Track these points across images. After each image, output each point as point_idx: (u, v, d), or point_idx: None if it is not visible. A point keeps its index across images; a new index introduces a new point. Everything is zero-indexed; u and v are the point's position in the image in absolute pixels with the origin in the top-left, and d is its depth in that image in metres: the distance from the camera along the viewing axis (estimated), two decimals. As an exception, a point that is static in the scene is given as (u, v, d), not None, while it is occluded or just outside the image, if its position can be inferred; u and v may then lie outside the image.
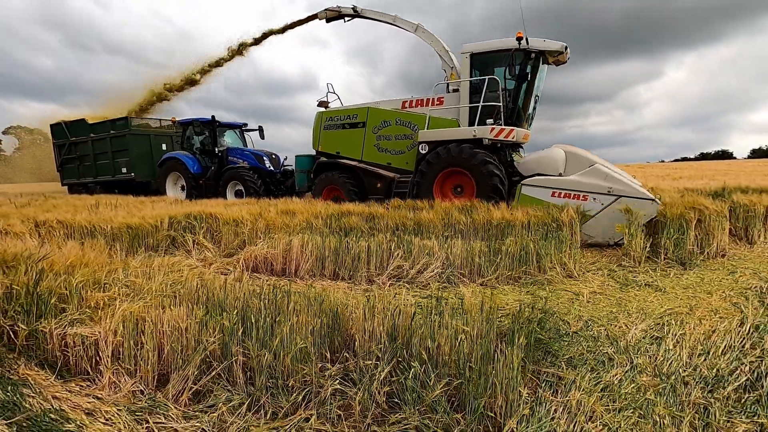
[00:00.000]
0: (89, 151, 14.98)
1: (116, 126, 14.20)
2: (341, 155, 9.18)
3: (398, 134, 8.51)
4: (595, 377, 2.45)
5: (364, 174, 8.76)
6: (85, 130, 15.01)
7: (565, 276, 4.36)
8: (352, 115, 9.05)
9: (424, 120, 8.02)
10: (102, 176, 14.82)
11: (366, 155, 8.85)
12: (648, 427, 2.00)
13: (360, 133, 8.89)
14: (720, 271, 4.27)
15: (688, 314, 3.28)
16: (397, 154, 8.57)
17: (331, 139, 9.36)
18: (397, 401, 2.17)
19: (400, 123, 8.47)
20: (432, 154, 7.62)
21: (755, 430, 1.96)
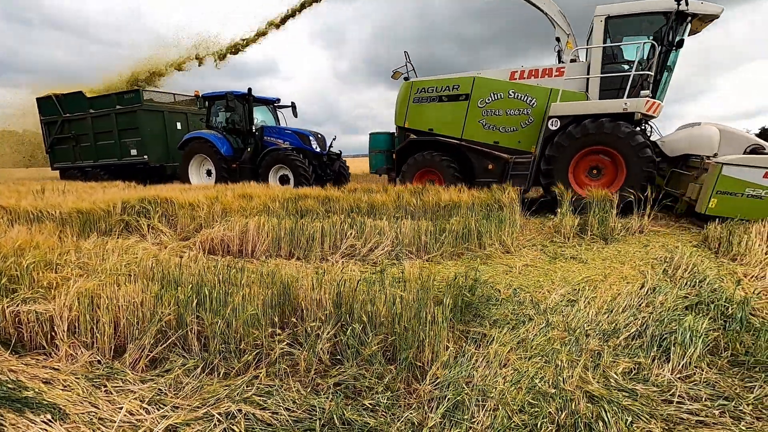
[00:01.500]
0: (88, 130, 12.84)
1: (124, 100, 12.07)
2: (435, 132, 7.96)
3: (511, 109, 7.37)
4: (514, 334, 2.83)
5: (472, 154, 7.69)
6: (83, 105, 12.81)
7: (504, 252, 4.78)
8: (452, 85, 7.71)
9: (545, 93, 7.08)
10: (104, 159, 12.86)
11: (468, 132, 7.69)
12: (550, 370, 2.38)
13: (462, 107, 7.66)
14: (635, 245, 4.83)
15: (602, 281, 3.75)
16: (508, 132, 7.48)
17: (422, 113, 8.01)
18: (339, 358, 2.44)
19: (514, 96, 7.32)
20: (569, 131, 6.66)
21: (633, 367, 2.39)
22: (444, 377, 2.24)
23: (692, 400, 2.09)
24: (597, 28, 6.71)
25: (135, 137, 12.15)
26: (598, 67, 6.81)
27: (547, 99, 7.06)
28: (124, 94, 12.36)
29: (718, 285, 3.43)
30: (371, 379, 2.24)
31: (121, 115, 12.20)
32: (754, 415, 1.98)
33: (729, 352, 2.48)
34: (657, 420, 1.95)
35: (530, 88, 7.24)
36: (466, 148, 7.72)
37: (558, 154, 6.76)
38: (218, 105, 11.04)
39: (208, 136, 10.68)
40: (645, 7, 6.41)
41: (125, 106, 12.06)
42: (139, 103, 11.85)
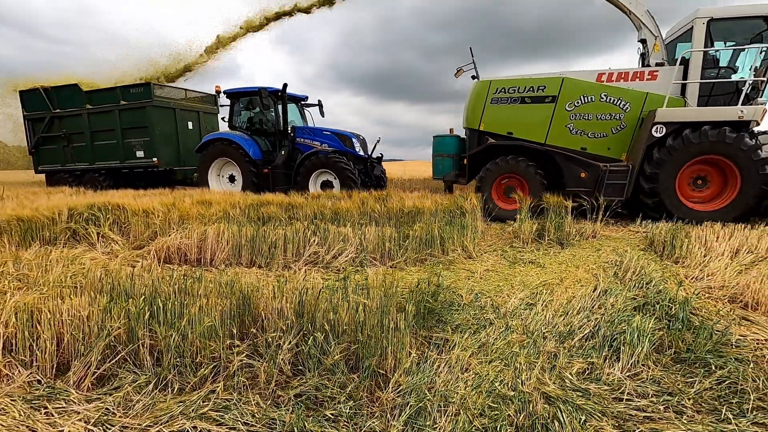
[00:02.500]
0: (84, 128, 11.34)
1: (131, 95, 10.73)
2: (515, 136, 7.38)
3: (601, 113, 6.93)
4: (475, 338, 2.88)
5: (563, 161, 7.07)
6: (79, 100, 11.31)
7: (466, 257, 4.87)
8: (537, 86, 7.17)
9: (641, 97, 6.69)
10: (103, 161, 11.37)
11: (552, 137, 7.17)
12: (509, 372, 2.44)
13: (547, 110, 7.15)
14: (589, 249, 5.07)
15: (558, 284, 3.90)
16: (598, 138, 7.03)
17: (501, 115, 7.41)
18: (301, 368, 2.39)
19: (606, 99, 6.87)
20: (684, 138, 6.21)
21: (587, 367, 2.49)
22: (406, 384, 2.24)
23: (640, 396, 2.20)
24: (698, 30, 6.30)
25: (142, 137, 10.80)
26: (698, 72, 6.44)
27: (642, 104, 6.71)
28: (130, 88, 10.94)
29: (663, 286, 3.65)
30: (333, 388, 2.21)
31: (126, 112, 10.84)
32: (695, 408, 2.11)
33: (672, 350, 2.63)
34: (608, 418, 2.04)
35: (624, 91, 6.81)
36: (556, 154, 7.13)
37: (665, 163, 6.34)
38: (243, 102, 9.88)
39: (234, 137, 9.49)
40: (756, 10, 6.16)
41: (132, 102, 10.73)
42: (149, 98, 10.50)
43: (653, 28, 7.01)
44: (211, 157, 9.82)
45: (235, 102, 10.03)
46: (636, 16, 7.04)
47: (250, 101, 9.69)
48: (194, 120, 12.02)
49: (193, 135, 11.70)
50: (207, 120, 12.56)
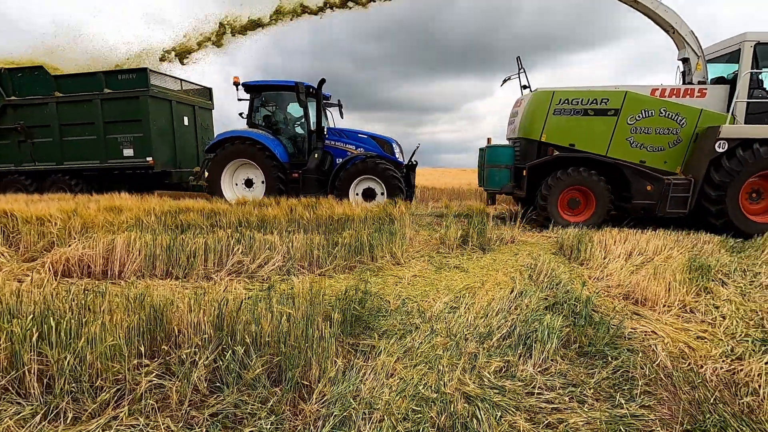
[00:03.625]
0: (50, 120, 9.39)
1: (119, 82, 9.05)
2: (577, 148, 7.32)
3: (660, 127, 7.11)
4: (401, 343, 2.92)
5: (631, 173, 7.14)
6: (44, 86, 9.34)
7: (394, 263, 4.95)
8: (600, 99, 7.20)
9: (696, 114, 6.96)
10: (77, 161, 9.45)
11: (613, 150, 7.22)
12: (433, 375, 2.51)
13: (609, 123, 7.19)
14: (508, 253, 5.41)
15: (480, 287, 4.10)
16: (656, 151, 7.19)
17: (563, 126, 7.32)
18: (219, 385, 2.25)
19: (665, 114, 7.07)
20: (744, 155, 6.54)
21: (503, 365, 2.64)
22: (331, 394, 2.21)
23: (548, 390, 2.38)
24: (746, 53, 6.71)
25: (133, 132, 9.14)
26: (745, 91, 6.83)
27: (697, 119, 6.99)
28: (118, 74, 9.24)
29: (570, 287, 4.00)
30: (254, 404, 2.11)
31: (111, 102, 9.08)
32: (594, 397, 2.33)
33: (577, 345, 2.88)
34: (521, 412, 2.17)
35: (681, 107, 7.05)
36: (625, 167, 7.20)
37: (730, 177, 6.61)
38: (268, 97, 8.82)
39: (258, 136, 8.31)
40: None
41: (120, 91, 9.05)
42: (144, 87, 8.90)
43: (696, 48, 7.33)
44: (227, 159, 8.44)
45: (255, 96, 8.82)
46: (680, 35, 7.37)
47: (276, 96, 8.80)
48: (190, 115, 10.51)
49: (188, 132, 10.32)
50: (202, 116, 11.13)
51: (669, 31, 7.57)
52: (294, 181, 8.39)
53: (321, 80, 8.32)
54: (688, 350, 2.88)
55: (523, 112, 7.72)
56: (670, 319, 3.37)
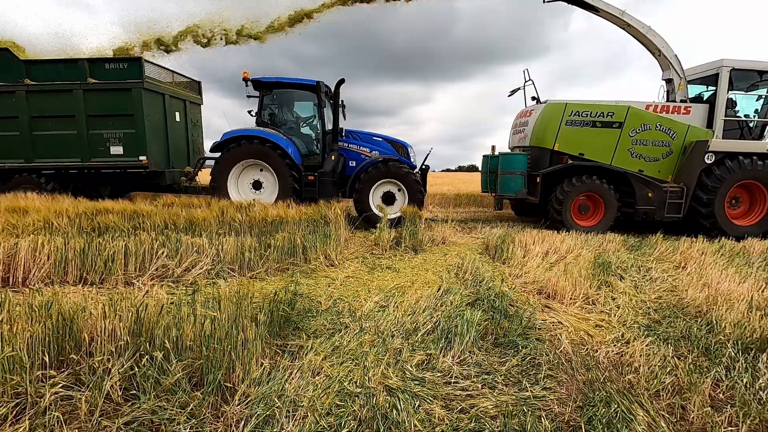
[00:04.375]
0: (17, 111, 8.10)
1: (108, 72, 8.00)
2: (586, 157, 7.83)
3: (655, 140, 7.82)
4: (330, 342, 2.99)
5: (636, 182, 7.75)
6: (11, 71, 8.00)
7: (329, 265, 5.00)
8: (607, 112, 7.78)
9: (684, 128, 7.73)
10: (52, 159, 8.23)
11: (616, 159, 7.81)
12: (358, 371, 2.60)
13: (614, 134, 7.78)
14: (438, 254, 5.68)
15: (410, 287, 4.28)
16: (651, 162, 7.88)
17: (574, 136, 7.81)
18: (135, 393, 2.18)
19: (660, 128, 7.80)
20: (728, 165, 7.45)
21: (425, 358, 2.80)
22: (255, 395, 2.22)
23: (464, 378, 2.57)
24: (723, 77, 7.58)
25: (122, 128, 8.14)
26: (722, 110, 7.70)
27: (685, 134, 7.75)
28: (106, 62, 8.17)
29: (492, 284, 4.30)
30: (173, 409, 2.07)
31: (97, 94, 8.05)
32: (504, 383, 2.55)
33: (493, 336, 3.13)
34: (438, 400, 2.33)
35: (673, 122, 7.80)
36: (631, 176, 7.79)
37: (720, 183, 7.46)
38: (280, 96, 8.35)
39: (270, 135, 7.76)
40: (756, 66, 7.62)
41: (110, 81, 8.04)
42: (138, 78, 7.99)
43: (680, 70, 8.15)
44: (235, 159, 7.83)
45: (266, 94, 8.27)
46: (666, 58, 8.16)
47: (289, 95, 8.34)
48: (181, 111, 9.52)
49: (180, 129, 9.33)
50: (192, 111, 10.15)
51: (655, 53, 8.39)
52: (310, 184, 7.99)
53: (340, 80, 8.07)
54: (587, 337, 3.24)
55: (536, 122, 8.14)
56: (574, 311, 3.75)
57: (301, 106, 8.62)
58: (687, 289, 4.18)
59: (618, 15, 8.09)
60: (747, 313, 3.45)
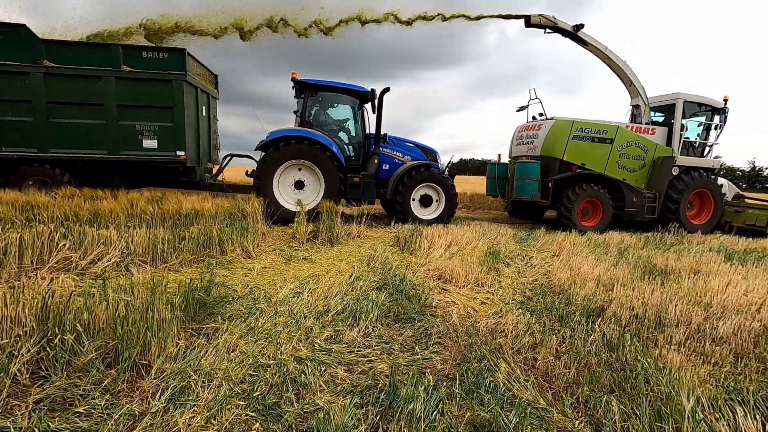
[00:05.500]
0: (32, 95, 7.12)
1: (144, 60, 7.40)
2: (587, 167, 9.21)
3: (634, 154, 9.48)
4: (245, 324, 3.20)
5: (626, 188, 9.34)
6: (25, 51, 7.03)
7: (246, 257, 5.12)
8: (602, 130, 9.28)
9: (654, 146, 9.55)
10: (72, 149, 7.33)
11: (608, 170, 9.32)
12: (272, 347, 2.87)
13: (606, 148, 9.27)
14: (353, 246, 6.07)
15: (324, 275, 4.60)
16: (631, 172, 9.52)
17: (578, 149, 9.20)
18: (46, 374, 2.23)
19: (638, 145, 9.49)
20: (686, 177, 9.51)
21: (333, 334, 3.14)
22: (171, 369, 2.40)
23: (366, 347, 2.96)
24: (678, 107, 9.61)
25: (159, 121, 7.56)
26: (679, 133, 9.66)
27: (654, 150, 9.58)
28: (143, 50, 7.53)
29: (399, 271, 4.78)
30: (87, 386, 2.17)
31: (130, 83, 7.37)
32: (400, 349, 2.99)
33: (394, 314, 3.58)
34: (342, 365, 2.70)
35: (646, 140, 9.56)
36: (622, 184, 9.34)
37: (683, 192, 9.46)
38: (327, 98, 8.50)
39: (318, 136, 7.84)
40: (702, 100, 9.78)
41: (147, 71, 7.42)
42: (181, 70, 7.51)
43: (646, 99, 9.95)
44: (282, 159, 7.76)
45: (311, 95, 8.30)
46: (636, 88, 9.98)
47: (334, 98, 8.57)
48: (205, 105, 8.94)
49: (205, 124, 8.76)
50: (212, 106, 9.52)
51: (627, 83, 10.21)
52: (354, 185, 8.32)
53: (385, 89, 8.49)
54: (473, 312, 3.83)
55: (546, 136, 9.41)
56: (466, 292, 4.37)
57: (341, 109, 8.86)
58: (557, 273, 5.03)
59: (602, 49, 9.87)
60: (594, 289, 4.31)
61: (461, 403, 2.35)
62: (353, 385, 2.46)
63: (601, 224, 9.15)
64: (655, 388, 2.45)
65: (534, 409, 2.34)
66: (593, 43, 9.79)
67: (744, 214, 10.16)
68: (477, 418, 2.20)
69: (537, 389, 2.56)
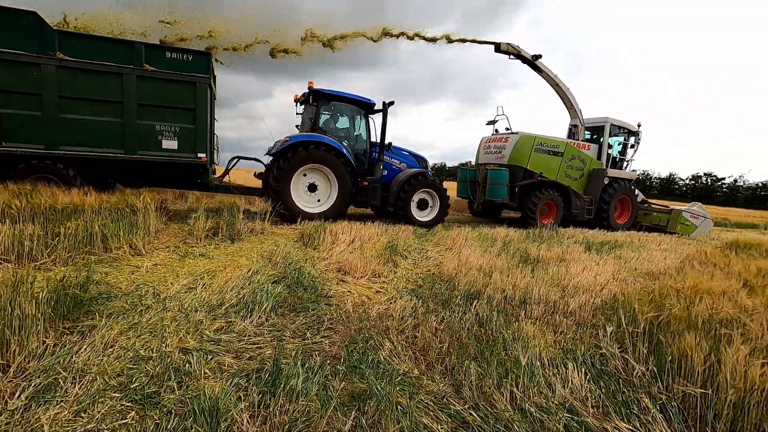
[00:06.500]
0: (42, 88, 6.38)
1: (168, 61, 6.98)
2: (544, 175, 10.92)
3: (576, 166, 11.42)
4: (128, 321, 3.07)
5: (572, 193, 11.29)
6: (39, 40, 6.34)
7: (134, 254, 4.81)
8: (555, 144, 11.07)
9: (590, 159, 11.62)
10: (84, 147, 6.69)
11: (559, 177, 11.14)
12: (156, 341, 2.81)
13: (558, 160, 11.09)
14: (255, 242, 6.00)
15: (222, 270, 4.52)
16: (574, 180, 11.47)
17: (538, 160, 10.88)
18: None
19: (579, 158, 11.43)
20: (614, 186, 11.68)
21: (225, 325, 3.16)
22: (35, 367, 2.25)
23: (258, 336, 3.03)
24: (606, 129, 11.84)
25: (180, 122, 7.37)
26: (606, 150, 11.90)
27: (590, 163, 11.62)
28: (167, 50, 7.22)
29: (300, 265, 4.87)
30: (-75, 390, 1.96)
31: (152, 82, 7.07)
32: (291, 336, 3.11)
33: (290, 304, 3.68)
34: (231, 353, 2.74)
35: (584, 154, 11.52)
36: (570, 189, 11.26)
37: (612, 197, 11.57)
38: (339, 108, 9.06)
39: (332, 142, 8.34)
40: (623, 124, 12.14)
41: (170, 71, 7.15)
42: (205, 73, 7.42)
43: (582, 120, 12.00)
44: (299, 163, 8.11)
45: (324, 104, 8.73)
46: (576, 111, 11.98)
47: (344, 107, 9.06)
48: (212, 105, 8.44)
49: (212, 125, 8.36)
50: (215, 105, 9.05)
51: (568, 106, 12.12)
52: (363, 189, 8.91)
53: (390, 102, 9.10)
54: (367, 300, 4.09)
55: (513, 147, 11.02)
56: (363, 282, 4.62)
57: (349, 118, 9.32)
58: (447, 264, 5.52)
59: (553, 77, 11.77)
60: (476, 276, 4.84)
61: (344, 378, 2.55)
62: (240, 370, 2.53)
63: (555, 221, 10.97)
64: (510, 353, 2.90)
65: (408, 378, 2.63)
66: (546, 71, 11.64)
67: (650, 216, 12.72)
68: (356, 389, 2.42)
69: (413, 362, 2.86)
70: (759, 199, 62.63)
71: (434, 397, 2.43)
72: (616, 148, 12.52)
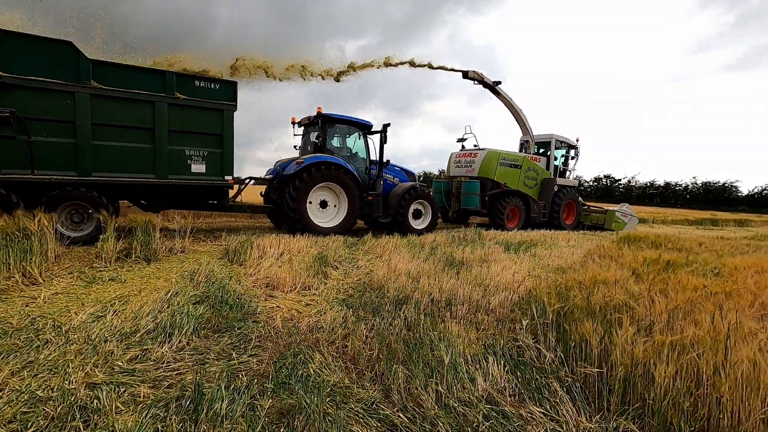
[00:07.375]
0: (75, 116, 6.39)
1: (198, 90, 7.34)
2: (508, 185, 12.78)
3: (531, 176, 13.35)
4: (22, 359, 2.74)
5: (532, 200, 13.23)
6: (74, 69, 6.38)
7: (29, 283, 4.29)
8: (516, 159, 13.11)
9: (543, 170, 13.70)
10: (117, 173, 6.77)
11: (519, 187, 12.99)
12: (57, 379, 2.53)
13: (518, 172, 13.03)
14: (175, 262, 5.64)
15: (136, 295, 4.18)
16: (531, 188, 13.37)
17: (503, 172, 12.79)
18: None
19: (533, 170, 13.40)
20: (562, 192, 13.81)
21: (140, 353, 2.94)
22: None
23: (178, 361, 2.86)
24: (553, 144, 14.04)
25: (208, 147, 7.53)
26: (552, 161, 13.96)
27: (542, 173, 13.68)
28: (195, 79, 7.35)
29: (225, 283, 4.67)
30: None
31: (182, 109, 7.20)
32: (216, 358, 2.98)
33: (213, 324, 3.52)
34: (146, 383, 2.56)
35: (537, 166, 13.54)
36: (529, 197, 13.13)
37: (561, 203, 13.64)
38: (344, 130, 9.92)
39: (342, 162, 9.09)
40: (565, 139, 14.30)
41: (197, 99, 7.33)
42: (231, 101, 7.64)
43: (533, 136, 14.02)
44: (314, 182, 8.78)
45: (330, 127, 9.56)
46: (527, 128, 14.02)
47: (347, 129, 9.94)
48: None
49: None
50: None
51: (521, 124, 14.21)
52: (368, 203, 9.67)
53: (387, 124, 9.91)
54: (297, 314, 4.03)
55: (481, 162, 12.83)
56: (292, 296, 4.54)
57: (352, 138, 10.16)
58: (377, 271, 5.62)
59: (509, 100, 13.86)
60: (405, 282, 4.99)
61: (272, 396, 2.50)
62: (157, 400, 2.37)
63: (518, 225, 12.77)
64: (435, 354, 3.03)
65: (338, 388, 2.64)
66: (504, 95, 13.75)
67: (590, 216, 15.05)
68: (284, 405, 2.39)
69: (344, 371, 2.88)
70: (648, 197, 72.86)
71: (364, 404, 2.47)
72: (560, 159, 14.69)
